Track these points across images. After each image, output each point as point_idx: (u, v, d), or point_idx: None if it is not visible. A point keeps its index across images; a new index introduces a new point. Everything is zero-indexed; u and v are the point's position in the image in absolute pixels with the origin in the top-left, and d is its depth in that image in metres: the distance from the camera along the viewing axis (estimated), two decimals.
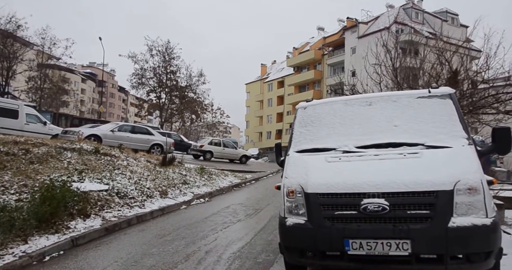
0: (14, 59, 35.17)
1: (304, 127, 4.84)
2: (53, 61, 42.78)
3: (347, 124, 4.60)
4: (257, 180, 15.85)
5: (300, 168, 4.16)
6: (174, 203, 8.96)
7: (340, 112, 4.79)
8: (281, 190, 4.15)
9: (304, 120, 4.92)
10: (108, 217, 6.78)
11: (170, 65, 37.55)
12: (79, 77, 78.09)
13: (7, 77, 35.28)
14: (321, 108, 4.99)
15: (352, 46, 47.91)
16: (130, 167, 10.04)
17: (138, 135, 17.76)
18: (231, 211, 8.76)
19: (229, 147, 24.34)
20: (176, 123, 44.85)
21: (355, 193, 3.59)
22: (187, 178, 11.56)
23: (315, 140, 4.60)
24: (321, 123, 4.77)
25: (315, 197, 3.75)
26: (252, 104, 69.85)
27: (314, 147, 4.47)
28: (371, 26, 47.98)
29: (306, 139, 4.67)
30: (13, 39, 34.51)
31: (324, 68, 53.35)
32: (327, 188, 3.74)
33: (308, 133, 4.73)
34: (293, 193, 3.93)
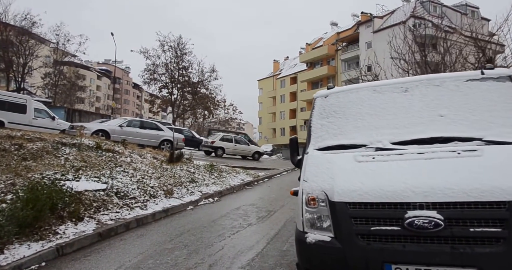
0: (30, 56, 35.03)
1: (326, 118, 3.95)
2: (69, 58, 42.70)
3: (379, 115, 3.69)
4: (270, 178, 14.98)
5: (323, 169, 3.28)
6: (180, 204, 8.16)
7: (369, 100, 3.88)
8: (298, 197, 3.30)
9: (326, 111, 4.02)
10: (103, 220, 6.01)
11: (182, 60, 36.92)
12: (95, 74, 78.36)
13: (22, 73, 35.16)
14: (345, 96, 4.08)
15: (367, 41, 46.47)
16: (133, 164, 9.28)
17: (148, 131, 17.07)
18: (242, 213, 7.92)
19: (241, 143, 23.52)
20: (189, 119, 44.31)
21: (396, 203, 2.71)
22: (195, 176, 10.76)
23: (340, 135, 3.71)
24: (346, 114, 3.87)
25: (343, 207, 2.88)
26: (265, 100, 68.86)
27: (339, 144, 3.59)
28: (386, 20, 46.44)
29: (329, 133, 3.78)
30: (29, 35, 34.35)
31: (338, 63, 52.00)
32: (359, 196, 2.86)
33: (330, 126, 3.84)
34: (314, 202, 3.06)
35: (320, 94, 4.31)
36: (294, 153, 4.13)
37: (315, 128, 3.89)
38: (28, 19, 33.69)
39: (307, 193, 3.12)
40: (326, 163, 3.34)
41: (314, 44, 61.50)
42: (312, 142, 3.77)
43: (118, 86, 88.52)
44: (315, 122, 3.95)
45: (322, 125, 3.89)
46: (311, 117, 4.06)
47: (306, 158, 3.56)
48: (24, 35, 33.88)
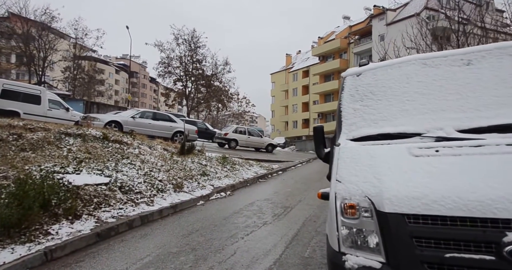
0: (50, 50, 34.71)
1: (360, 101, 3.04)
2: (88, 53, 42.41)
3: (435, 95, 2.75)
4: (285, 171, 14.11)
5: (364, 166, 2.38)
6: (190, 198, 7.37)
7: (418, 77, 2.94)
8: (330, 202, 2.42)
9: (359, 92, 3.12)
10: (104, 218, 5.24)
11: (196, 53, 36.11)
12: (113, 69, 78.31)
13: (43, 67, 34.92)
14: (384, 73, 3.16)
15: (380, 34, 44.77)
16: (142, 156, 8.51)
17: (160, 122, 16.34)
18: (256, 209, 7.08)
19: (255, 135, 22.65)
20: (203, 112, 43.65)
21: (486, 219, 1.79)
22: (207, 169, 9.96)
23: (382, 121, 2.79)
24: (388, 94, 2.95)
25: (400, 221, 1.99)
26: (277, 93, 67.74)
27: (382, 132, 2.68)
28: (400, 12, 44.70)
29: (366, 119, 2.87)
30: (48, 30, 34.01)
31: (350, 57, 50.47)
32: (424, 205, 1.95)
33: (367, 111, 2.93)
34: (354, 210, 2.17)
35: (350, 72, 3.40)
36: (320, 144, 3.23)
37: (347, 113, 3.00)
38: (47, 13, 33.33)
39: (342, 198, 2.24)
40: (367, 158, 2.45)
41: (326, 37, 59.96)
42: (343, 130, 2.88)
43: (136, 80, 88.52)
44: (345, 106, 3.05)
45: (356, 109, 3.00)
46: (340, 101, 3.16)
47: (337, 151, 2.68)
48: (44, 30, 33.56)
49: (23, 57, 33.48)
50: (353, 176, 2.34)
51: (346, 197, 2.23)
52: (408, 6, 44.92)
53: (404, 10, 44.71)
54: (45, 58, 34.01)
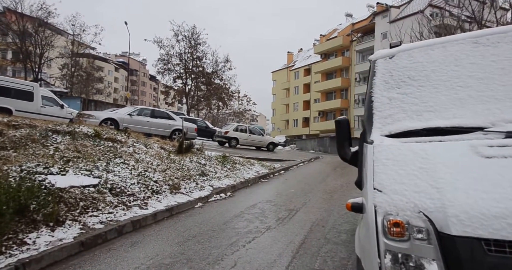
0: (46, 46, 34.18)
1: (396, 89, 2.52)
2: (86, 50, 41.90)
3: (496, 80, 2.23)
4: (287, 170, 13.59)
5: (412, 170, 1.86)
6: (187, 201, 6.86)
7: (470, 58, 2.41)
8: (365, 217, 1.93)
9: (394, 77, 2.59)
10: (90, 224, 4.73)
11: (196, 50, 35.55)
12: (112, 66, 77.75)
13: (39, 64, 34.38)
14: (425, 54, 2.64)
15: (383, 31, 44.21)
16: (136, 154, 8.00)
17: (158, 120, 15.84)
18: (258, 212, 6.57)
19: (256, 133, 22.14)
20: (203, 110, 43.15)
21: None
22: (206, 168, 9.45)
23: (428, 112, 2.27)
24: (431, 79, 2.43)
25: (474, 248, 1.48)
26: (279, 92, 67.23)
27: (429, 126, 2.16)
28: (403, 9, 44.12)
29: (406, 110, 2.34)
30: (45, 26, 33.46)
31: (353, 54, 49.93)
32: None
33: (407, 100, 2.41)
34: (402, 230, 1.65)
35: (381, 54, 2.88)
36: (344, 142, 2.69)
37: (380, 103, 2.47)
38: (44, 9, 32.79)
39: (385, 213, 1.73)
40: (417, 159, 1.93)
41: (328, 35, 59.39)
42: (376, 124, 2.36)
43: (135, 78, 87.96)
44: (378, 95, 2.53)
45: (392, 98, 2.48)
46: (371, 88, 2.63)
47: (370, 151, 2.16)
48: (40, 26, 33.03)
49: (19, 54, 32.95)
50: (398, 183, 1.83)
51: (390, 211, 1.72)
52: (412, 3, 44.35)
53: (407, 7, 44.16)
54: (42, 55, 33.48)
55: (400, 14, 43.13)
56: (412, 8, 42.14)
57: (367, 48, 46.99)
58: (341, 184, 10.37)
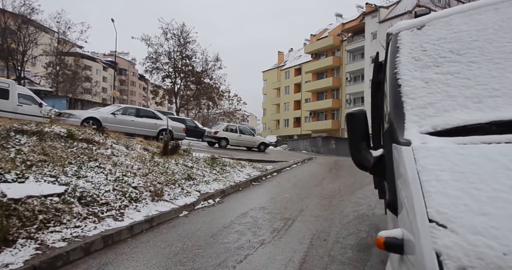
0: (29, 43, 32.90)
1: (435, 67, 1.79)
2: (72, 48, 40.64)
3: None
4: (280, 172, 12.88)
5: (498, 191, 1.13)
6: (171, 209, 6.08)
7: None
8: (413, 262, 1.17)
9: (429, 53, 1.87)
10: (50, 242, 3.92)
11: (185, 49, 34.62)
12: (101, 65, 76.22)
13: (22, 62, 33.07)
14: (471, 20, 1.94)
15: (372, 31, 43.98)
16: (115, 157, 7.18)
17: (144, 119, 14.99)
18: (250, 222, 5.82)
19: (246, 133, 21.38)
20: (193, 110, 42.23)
21: None
22: (193, 172, 8.67)
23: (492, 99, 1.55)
24: (487, 52, 1.72)
25: None
26: (269, 91, 66.58)
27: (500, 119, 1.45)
28: (392, 10, 43.90)
29: (455, 96, 1.61)
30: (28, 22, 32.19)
31: (343, 54, 49.55)
32: None
33: (454, 82, 1.67)
34: None
35: (405, 25, 2.18)
36: (360, 142, 1.94)
37: (412, 88, 1.75)
38: (27, 5, 31.51)
39: (461, 267, 1.00)
40: (499, 171, 1.20)
41: (319, 35, 58.97)
42: (409, 117, 1.63)
43: (124, 78, 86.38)
44: (407, 76, 1.80)
45: (429, 81, 1.76)
46: (395, 69, 1.90)
47: (408, 156, 1.43)
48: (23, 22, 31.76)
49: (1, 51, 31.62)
50: (476, 214, 1.10)
51: (472, 265, 0.99)
52: (401, 3, 44.21)
53: (396, 7, 43.98)
54: (25, 52, 32.20)
55: (389, 14, 42.89)
56: (401, 9, 42.01)
57: (358, 48, 46.66)
58: (338, 187, 9.69)
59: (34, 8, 31.91)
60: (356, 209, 6.78)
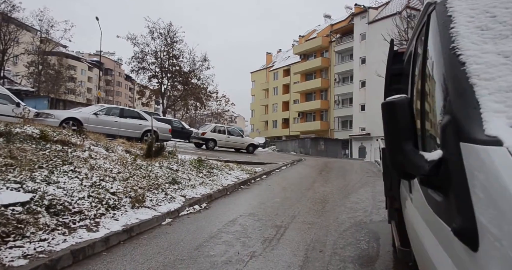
0: (10, 42, 31.84)
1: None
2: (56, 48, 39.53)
3: None
4: (269, 175, 12.46)
5: None
6: (152, 217, 5.58)
7: None
8: None
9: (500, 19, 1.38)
10: (7, 260, 3.40)
11: (172, 49, 33.96)
12: (86, 65, 74.73)
13: (2, 60, 31.97)
14: None
15: (361, 32, 44.04)
16: (92, 160, 6.64)
17: (128, 120, 14.38)
18: (239, 230, 5.38)
19: (235, 135, 20.91)
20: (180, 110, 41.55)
21: None
22: (178, 175, 8.18)
23: None
24: None
25: None
26: (258, 93, 66.22)
27: None
28: (381, 11, 44.02)
29: None
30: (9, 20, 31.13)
31: (332, 55, 49.50)
32: None
33: None
34: None
35: None
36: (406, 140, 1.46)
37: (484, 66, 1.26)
38: (7, 2, 30.45)
39: None
40: None
41: (307, 36, 58.91)
42: (486, 105, 1.14)
43: (110, 78, 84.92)
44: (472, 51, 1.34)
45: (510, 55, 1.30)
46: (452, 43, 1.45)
47: (493, 161, 0.96)
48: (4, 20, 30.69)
49: None
50: None
51: None
52: (390, 4, 44.34)
53: (385, 8, 44.08)
54: (5, 51, 31.13)
55: (378, 15, 43.00)
56: (390, 10, 42.06)
57: (346, 48, 46.67)
58: (330, 190, 9.31)
59: (15, 5, 30.91)
60: (352, 215, 6.39)
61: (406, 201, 2.72)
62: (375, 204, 7.60)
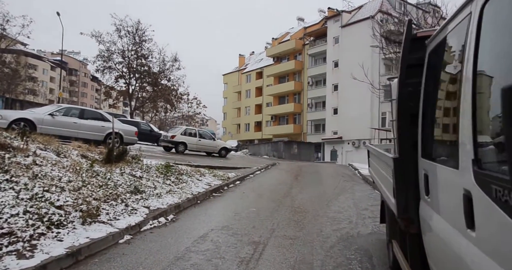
0: None
1: None
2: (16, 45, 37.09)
3: None
4: (243, 180, 11.74)
5: None
6: (107, 235, 4.73)
7: None
8: None
9: None
10: None
11: (141, 48, 32.57)
12: (48, 65, 71.26)
13: None
14: None
15: (334, 36, 44.29)
16: (37, 167, 5.68)
17: (89, 122, 13.23)
18: (211, 248, 4.62)
19: (206, 138, 20.04)
20: (149, 112, 40.05)
21: None
22: (142, 183, 7.31)
23: None
24: None
25: None
26: (230, 95, 65.38)
27: None
28: (355, 15, 44.51)
29: None
30: None
31: (305, 58, 49.52)
32: None
33: None
34: None
35: None
36: None
37: None
38: None
39: None
40: None
41: (280, 38, 58.81)
42: None
43: (75, 78, 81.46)
44: None
45: None
46: None
47: None
48: None
49: None
50: None
51: None
52: (363, 9, 44.90)
53: (358, 12, 44.59)
54: None
55: (352, 19, 43.43)
56: (363, 14, 42.59)
57: (320, 52, 46.79)
58: (309, 198, 8.72)
59: None
60: (336, 228, 5.78)
61: (433, 224, 2.10)
62: (359, 213, 7.06)
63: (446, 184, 1.88)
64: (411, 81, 2.52)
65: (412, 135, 2.48)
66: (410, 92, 2.50)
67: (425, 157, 2.26)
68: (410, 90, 2.50)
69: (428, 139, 2.25)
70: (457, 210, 1.63)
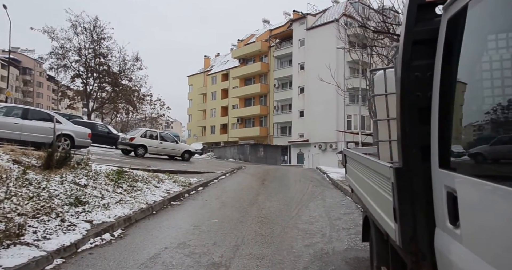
0: None
1: None
2: None
3: None
4: (206, 186, 10.89)
5: None
6: (29, 261, 3.78)
7: None
8: None
9: None
10: None
11: (99, 46, 30.81)
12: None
13: None
14: None
15: (300, 38, 44.36)
16: None
17: (34, 123, 11.86)
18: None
19: (168, 140, 18.93)
20: (109, 114, 38.08)
21: None
22: (86, 192, 6.31)
23: None
24: None
25: None
26: (195, 97, 63.98)
27: None
28: (319, 18, 44.84)
29: None
30: None
31: (271, 60, 49.27)
32: None
33: None
34: None
35: None
36: None
37: None
38: None
39: None
40: None
41: (246, 40, 58.30)
42: None
43: (29, 78, 76.71)
44: None
45: None
46: None
47: None
48: None
49: None
50: None
51: None
52: (327, 12, 45.33)
53: (323, 16, 44.95)
54: None
55: (317, 22, 43.68)
56: (328, 17, 42.95)
57: (286, 54, 46.68)
58: (277, 206, 8.04)
59: None
60: (309, 242, 5.11)
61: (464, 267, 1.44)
62: (332, 223, 6.46)
63: (498, 211, 1.23)
64: (418, 63, 1.88)
65: (421, 136, 1.83)
66: (417, 78, 1.85)
67: (448, 168, 1.61)
68: (418, 75, 1.85)
69: (453, 142, 1.61)
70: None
